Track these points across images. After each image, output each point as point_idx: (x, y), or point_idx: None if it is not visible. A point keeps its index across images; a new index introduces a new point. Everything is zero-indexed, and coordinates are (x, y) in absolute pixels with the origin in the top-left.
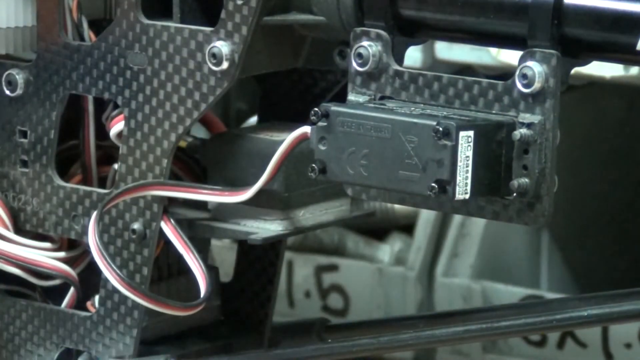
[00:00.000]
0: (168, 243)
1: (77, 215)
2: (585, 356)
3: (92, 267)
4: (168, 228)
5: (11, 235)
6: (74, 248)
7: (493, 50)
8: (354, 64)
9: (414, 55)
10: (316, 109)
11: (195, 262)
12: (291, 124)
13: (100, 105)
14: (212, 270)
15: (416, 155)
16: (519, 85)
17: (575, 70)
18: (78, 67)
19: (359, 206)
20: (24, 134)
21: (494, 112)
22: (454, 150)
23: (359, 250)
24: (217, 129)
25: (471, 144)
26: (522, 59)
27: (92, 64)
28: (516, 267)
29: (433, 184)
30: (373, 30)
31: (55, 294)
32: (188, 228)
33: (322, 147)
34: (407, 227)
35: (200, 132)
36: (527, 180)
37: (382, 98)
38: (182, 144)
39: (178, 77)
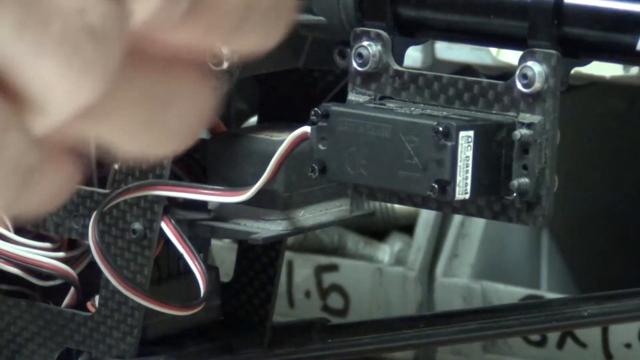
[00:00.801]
0: (168, 243)
1: (78, 215)
2: (585, 356)
3: (92, 267)
4: (168, 228)
5: (11, 235)
6: (74, 248)
7: (493, 50)
8: (354, 64)
9: (414, 55)
10: (316, 109)
11: (195, 262)
12: (291, 124)
13: None
14: (212, 270)
15: (416, 155)
16: (519, 85)
17: (575, 70)
18: None
19: (359, 206)
20: None
21: (494, 112)
22: (454, 150)
23: (359, 250)
24: (217, 129)
25: (471, 144)
26: (522, 59)
27: None
28: (516, 267)
29: (433, 184)
30: (373, 30)
31: (55, 294)
32: (188, 228)
33: (322, 147)
34: (407, 227)
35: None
36: (527, 180)
37: (382, 98)
38: None
39: None
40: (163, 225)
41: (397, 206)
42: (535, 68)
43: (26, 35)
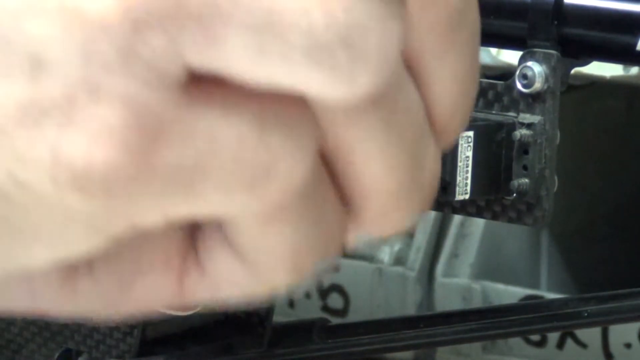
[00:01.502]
0: None
1: None
2: (586, 356)
3: None
4: None
5: None
6: None
7: (493, 50)
8: None
9: None
10: None
11: None
12: None
13: None
14: None
15: None
16: (518, 85)
17: (575, 70)
18: None
19: None
20: None
21: (493, 112)
22: (454, 150)
23: (359, 250)
24: None
25: (471, 144)
26: (522, 59)
27: None
28: (516, 267)
29: None
30: None
31: None
32: None
33: None
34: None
35: None
36: (527, 180)
37: None
38: None
39: None
40: None
41: None
42: (535, 68)
43: (271, 56)
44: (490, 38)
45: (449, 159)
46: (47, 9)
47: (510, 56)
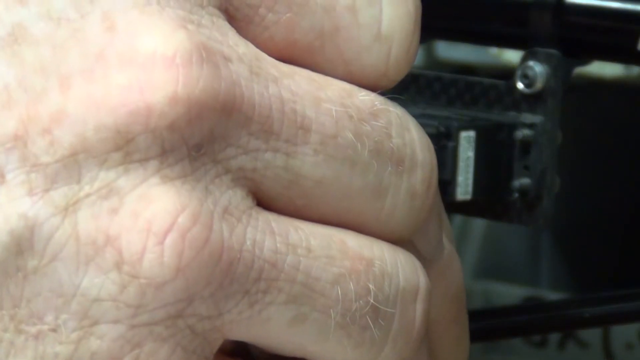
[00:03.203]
0: None
1: None
2: (587, 357)
3: None
4: None
5: None
6: None
7: (494, 50)
8: None
9: None
10: None
11: None
12: None
13: None
14: None
15: None
16: (520, 85)
17: (576, 70)
18: None
19: None
20: None
21: (495, 112)
22: (455, 150)
23: None
24: None
25: (472, 144)
26: (524, 59)
27: None
28: (517, 267)
29: None
30: None
31: None
32: None
33: None
34: None
35: None
36: (528, 180)
37: None
38: None
39: None
40: None
41: None
42: (537, 68)
43: (307, 328)
44: (491, 38)
45: (450, 160)
46: (103, 266)
47: (512, 56)
